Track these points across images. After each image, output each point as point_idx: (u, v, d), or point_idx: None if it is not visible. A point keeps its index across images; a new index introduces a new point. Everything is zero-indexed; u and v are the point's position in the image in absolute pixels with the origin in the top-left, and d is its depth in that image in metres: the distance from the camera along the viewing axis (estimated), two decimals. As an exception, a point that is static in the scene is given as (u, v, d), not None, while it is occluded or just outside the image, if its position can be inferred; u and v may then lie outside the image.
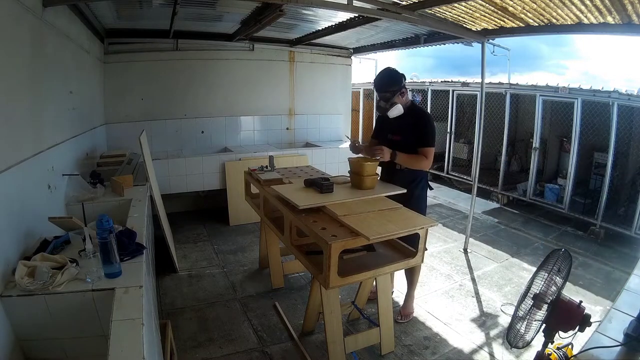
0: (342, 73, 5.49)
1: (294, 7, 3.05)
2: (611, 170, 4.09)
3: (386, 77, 2.42)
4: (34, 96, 1.83)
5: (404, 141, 2.41)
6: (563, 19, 2.83)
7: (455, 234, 4.21)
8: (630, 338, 1.20)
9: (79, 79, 2.91)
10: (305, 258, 2.04)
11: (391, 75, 2.41)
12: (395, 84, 2.38)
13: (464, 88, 5.83)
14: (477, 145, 3.87)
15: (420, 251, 1.97)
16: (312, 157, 4.64)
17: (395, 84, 2.38)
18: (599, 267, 3.49)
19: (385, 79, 2.41)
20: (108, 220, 1.39)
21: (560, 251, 1.36)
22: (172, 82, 4.40)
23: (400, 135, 2.44)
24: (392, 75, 2.41)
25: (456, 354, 2.29)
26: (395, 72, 2.42)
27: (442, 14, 3.13)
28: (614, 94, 3.98)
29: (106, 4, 2.97)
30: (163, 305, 2.72)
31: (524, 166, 5.65)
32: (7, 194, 1.43)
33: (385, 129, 2.55)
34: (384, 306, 2.24)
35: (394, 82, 2.39)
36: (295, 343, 2.34)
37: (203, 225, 4.29)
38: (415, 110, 2.47)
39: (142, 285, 1.36)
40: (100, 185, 2.48)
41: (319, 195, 2.15)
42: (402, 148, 2.37)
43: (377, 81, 2.44)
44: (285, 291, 2.95)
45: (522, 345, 1.36)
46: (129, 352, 1.02)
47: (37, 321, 1.31)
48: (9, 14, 1.56)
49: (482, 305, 2.82)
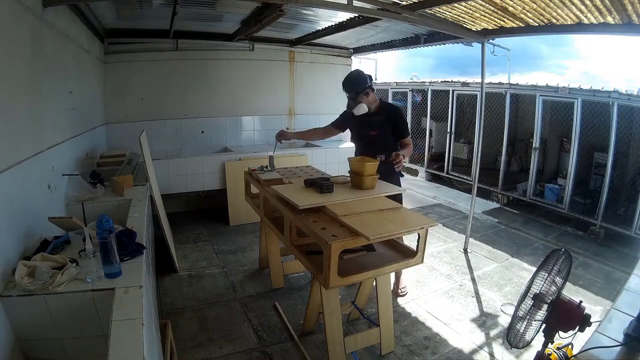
0: (342, 73, 5.39)
1: (294, 7, 3.05)
2: (611, 170, 4.09)
3: (352, 79, 2.63)
4: (34, 96, 1.83)
5: (382, 135, 2.66)
6: (563, 19, 2.82)
7: (455, 234, 4.21)
8: (630, 338, 1.20)
9: (79, 79, 2.91)
10: (305, 258, 2.04)
11: (354, 78, 2.62)
12: (358, 85, 2.58)
13: (464, 88, 5.83)
14: (477, 145, 3.87)
15: (420, 251, 1.97)
16: (312, 157, 4.64)
17: (359, 84, 2.58)
18: (599, 267, 3.49)
19: (351, 81, 2.62)
20: (108, 220, 1.39)
21: (560, 251, 1.36)
22: (172, 82, 4.40)
23: (377, 130, 2.67)
24: (357, 77, 2.62)
25: (456, 354, 2.29)
26: (360, 74, 2.63)
27: (442, 14, 3.12)
28: (614, 94, 3.98)
29: (106, 4, 2.97)
30: (163, 305, 2.72)
31: (524, 166, 5.65)
32: (7, 194, 1.43)
33: (363, 126, 2.73)
34: (384, 306, 2.24)
35: (357, 83, 2.59)
36: (295, 343, 2.34)
37: (203, 225, 4.29)
38: (386, 106, 2.74)
39: (142, 285, 1.36)
40: (100, 185, 2.48)
41: (319, 195, 2.15)
42: (382, 141, 2.65)
43: (343, 83, 2.66)
44: (285, 291, 2.95)
45: (522, 345, 1.36)
46: (129, 352, 1.02)
47: (37, 321, 1.31)
48: (9, 14, 1.56)
49: (482, 305, 2.82)
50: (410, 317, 2.67)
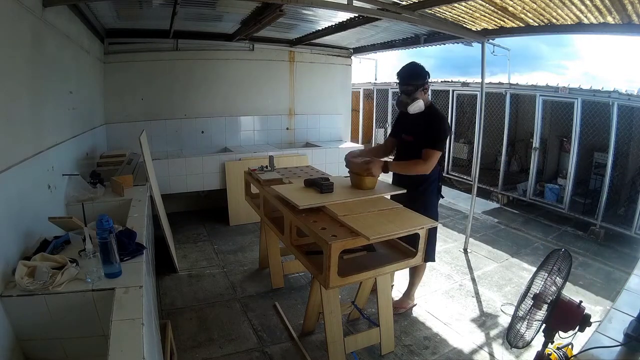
0: (342, 73, 5.49)
1: (294, 7, 3.05)
2: (611, 170, 4.09)
3: (412, 69, 2.35)
4: (34, 96, 1.83)
5: (416, 142, 2.35)
6: (563, 19, 2.82)
7: (455, 234, 4.21)
8: (630, 338, 1.20)
9: (79, 79, 2.91)
10: (305, 258, 2.04)
11: (417, 69, 2.35)
12: (419, 78, 2.32)
13: (464, 88, 5.83)
14: (477, 145, 3.87)
15: (421, 251, 1.97)
16: (312, 157, 4.64)
17: (420, 77, 2.32)
18: (599, 267, 3.49)
19: (411, 71, 2.34)
20: (108, 220, 1.39)
21: (560, 251, 1.36)
22: (172, 82, 4.40)
23: (413, 135, 2.39)
24: (418, 68, 2.35)
25: (456, 354, 2.29)
26: (421, 67, 2.36)
27: (442, 14, 3.12)
28: (614, 94, 3.98)
29: (106, 4, 2.97)
30: (163, 305, 2.72)
31: (524, 166, 5.65)
32: (7, 194, 1.43)
33: (401, 128, 2.50)
34: (384, 306, 2.23)
35: (418, 75, 2.33)
36: (295, 343, 2.34)
37: (203, 225, 4.29)
38: (431, 111, 2.38)
39: (142, 285, 1.36)
40: (100, 185, 2.48)
41: (319, 195, 2.15)
42: (415, 149, 2.33)
43: (402, 72, 2.36)
44: (285, 291, 2.95)
45: (522, 345, 1.36)
46: (129, 352, 1.02)
47: (37, 321, 1.31)
48: (9, 14, 1.56)
49: (482, 305, 2.82)
50: (410, 317, 2.67)
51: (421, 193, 2.39)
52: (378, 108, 7.86)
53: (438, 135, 2.31)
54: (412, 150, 2.35)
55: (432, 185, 2.45)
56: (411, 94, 2.32)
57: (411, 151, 2.35)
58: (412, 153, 2.35)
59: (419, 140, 2.34)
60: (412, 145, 2.37)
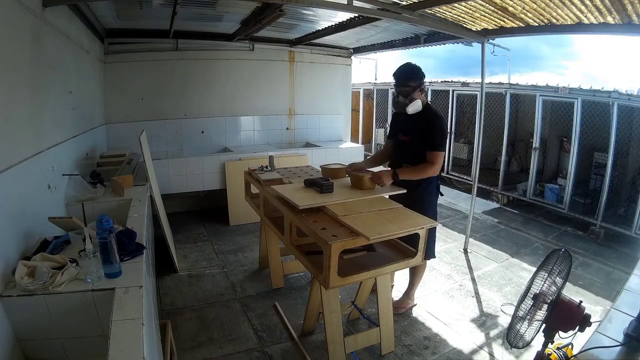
0: (342, 73, 5.49)
1: (293, 7, 3.05)
2: (611, 170, 4.09)
3: (408, 70, 2.36)
4: (34, 96, 1.83)
5: (413, 142, 2.35)
6: (563, 19, 2.82)
7: (455, 234, 4.21)
8: (630, 338, 1.20)
9: (79, 79, 2.91)
10: (305, 258, 2.04)
11: (413, 69, 2.36)
12: (416, 78, 2.33)
13: (464, 88, 5.83)
14: (477, 145, 3.87)
15: (421, 251, 1.97)
16: (312, 157, 4.64)
17: (417, 78, 2.33)
18: (599, 267, 3.49)
19: (407, 72, 2.35)
20: (108, 220, 1.39)
21: (560, 251, 1.36)
22: (172, 82, 4.40)
23: (410, 135, 2.38)
24: (414, 69, 2.36)
25: (456, 354, 2.29)
26: (417, 67, 2.36)
27: (442, 14, 3.13)
28: (614, 94, 3.98)
29: (106, 4, 2.97)
30: (163, 305, 2.72)
31: (524, 166, 5.65)
32: (7, 194, 1.43)
33: (397, 129, 2.50)
34: (384, 306, 2.23)
35: (415, 75, 2.33)
36: (295, 343, 2.34)
37: (203, 225, 4.29)
38: (429, 111, 2.38)
39: (142, 285, 1.36)
40: (100, 185, 2.48)
41: (319, 195, 2.15)
42: (411, 149, 2.34)
43: (398, 74, 2.36)
44: (285, 291, 2.95)
45: (522, 345, 1.36)
46: (129, 352, 1.02)
47: (37, 321, 1.31)
48: (9, 14, 1.56)
49: (482, 305, 2.82)
50: (410, 317, 2.67)
51: (421, 193, 2.39)
52: (378, 108, 7.86)
53: (439, 136, 2.32)
54: (409, 150, 2.37)
55: (432, 185, 2.46)
56: (409, 94, 2.33)
57: (408, 151, 2.37)
58: (409, 153, 2.37)
59: (416, 140, 2.35)
60: (408, 145, 2.39)
